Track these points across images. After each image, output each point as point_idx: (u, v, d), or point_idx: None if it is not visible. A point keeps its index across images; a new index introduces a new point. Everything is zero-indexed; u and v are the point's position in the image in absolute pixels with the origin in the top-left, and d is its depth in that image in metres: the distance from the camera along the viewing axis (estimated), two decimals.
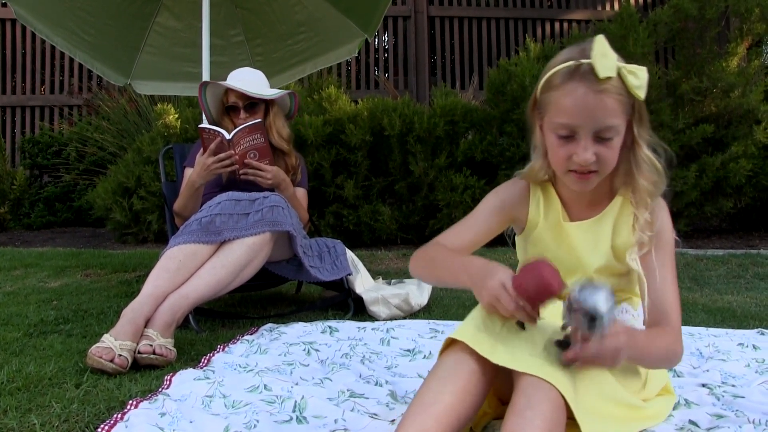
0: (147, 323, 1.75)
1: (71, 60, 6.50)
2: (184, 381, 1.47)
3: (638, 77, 1.10)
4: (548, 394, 0.95)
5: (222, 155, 2.18)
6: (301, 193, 2.44)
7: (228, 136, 2.16)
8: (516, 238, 1.34)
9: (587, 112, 1.09)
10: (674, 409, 1.29)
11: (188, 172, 2.35)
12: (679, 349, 1.15)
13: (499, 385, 1.11)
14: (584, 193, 1.22)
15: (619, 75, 1.09)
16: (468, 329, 1.05)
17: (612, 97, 1.09)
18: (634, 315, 1.25)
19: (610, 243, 1.20)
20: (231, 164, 2.20)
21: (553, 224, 1.25)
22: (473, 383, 1.01)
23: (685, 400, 1.34)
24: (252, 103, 2.38)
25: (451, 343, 1.07)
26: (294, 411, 1.30)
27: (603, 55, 1.08)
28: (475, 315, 1.08)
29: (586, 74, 1.09)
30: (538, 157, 1.24)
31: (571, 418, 0.97)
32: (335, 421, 1.25)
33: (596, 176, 1.15)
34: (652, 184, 1.17)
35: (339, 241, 2.44)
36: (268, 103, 2.41)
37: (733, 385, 1.44)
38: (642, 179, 1.17)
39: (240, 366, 1.61)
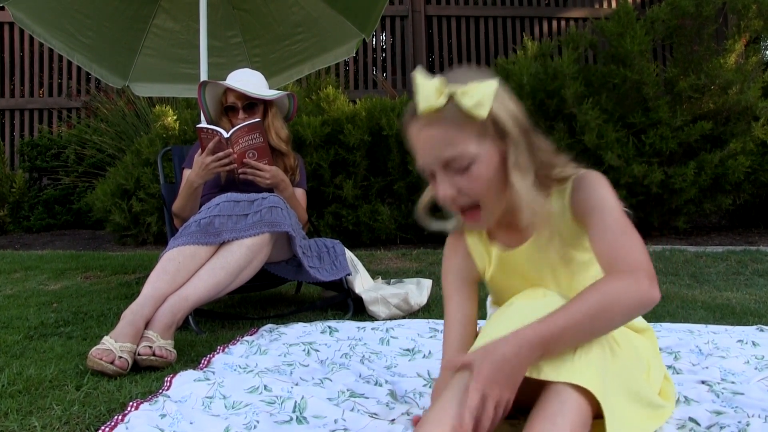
0: (147, 325, 1.75)
1: (69, 63, 6.51)
2: (184, 382, 1.47)
3: (472, 96, 1.02)
4: (580, 403, 0.93)
5: (220, 154, 2.18)
6: (300, 194, 2.45)
7: (226, 135, 2.17)
8: None
9: (424, 150, 1.07)
10: (674, 406, 1.29)
11: (187, 173, 2.35)
12: (642, 289, 0.99)
13: None
14: (509, 221, 1.14)
15: (454, 98, 1.03)
16: None
17: (445, 127, 1.04)
18: None
19: (563, 249, 1.14)
20: (229, 163, 2.20)
21: (498, 262, 1.20)
22: None
23: (685, 397, 1.34)
24: (251, 104, 2.38)
25: None
26: (294, 411, 1.30)
27: (419, 90, 1.04)
28: (498, 327, 1.03)
29: (415, 113, 1.07)
30: None
31: (595, 417, 0.96)
32: (335, 421, 1.25)
33: (484, 212, 1.09)
34: (531, 213, 1.06)
35: (338, 241, 2.44)
36: (266, 104, 2.42)
37: (733, 382, 1.44)
38: (523, 213, 1.07)
39: (240, 367, 1.61)
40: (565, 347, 0.97)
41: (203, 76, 2.90)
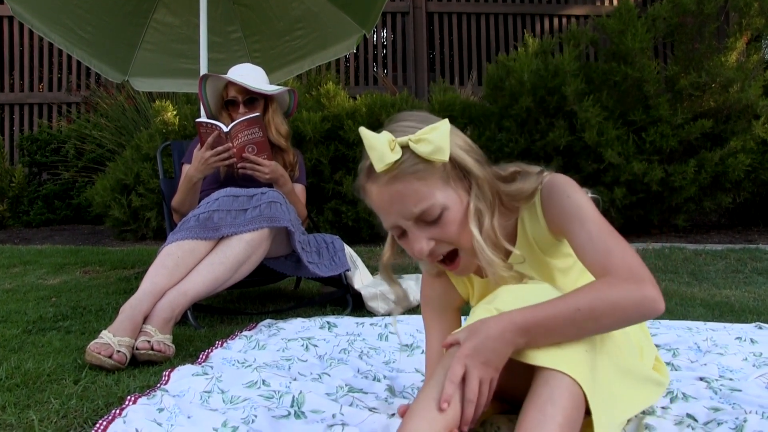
0: (145, 319, 1.75)
1: (69, 57, 6.50)
2: (183, 377, 1.47)
3: (430, 141, 0.98)
4: (571, 389, 0.90)
5: (220, 148, 2.18)
6: (300, 189, 2.44)
7: (226, 129, 2.16)
8: None
9: (391, 208, 1.02)
10: (672, 402, 1.29)
11: (186, 168, 2.35)
12: (649, 298, 0.94)
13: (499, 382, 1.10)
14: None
15: (409, 148, 0.99)
16: None
17: (408, 181, 0.99)
18: None
19: (541, 260, 1.12)
20: (229, 158, 2.20)
21: (480, 288, 1.18)
22: None
23: (683, 393, 1.34)
24: (251, 99, 2.38)
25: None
26: (292, 406, 1.30)
27: (371, 148, 0.99)
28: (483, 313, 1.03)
29: (372, 171, 1.01)
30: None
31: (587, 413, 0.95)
32: (333, 415, 1.25)
33: (463, 255, 1.06)
34: (486, 263, 1.04)
35: (337, 236, 2.44)
36: (267, 99, 2.41)
37: (731, 379, 1.45)
38: (479, 260, 1.04)
39: (238, 361, 1.61)
40: (551, 339, 0.94)
41: (203, 72, 2.89)
